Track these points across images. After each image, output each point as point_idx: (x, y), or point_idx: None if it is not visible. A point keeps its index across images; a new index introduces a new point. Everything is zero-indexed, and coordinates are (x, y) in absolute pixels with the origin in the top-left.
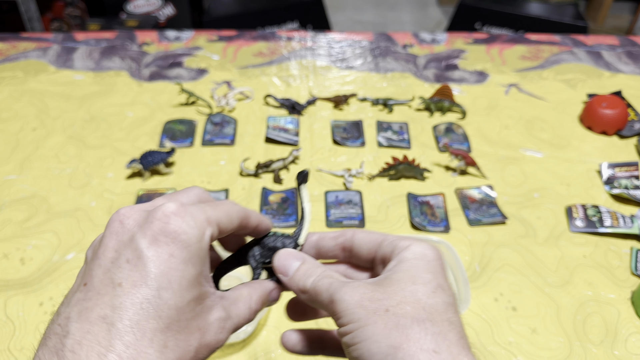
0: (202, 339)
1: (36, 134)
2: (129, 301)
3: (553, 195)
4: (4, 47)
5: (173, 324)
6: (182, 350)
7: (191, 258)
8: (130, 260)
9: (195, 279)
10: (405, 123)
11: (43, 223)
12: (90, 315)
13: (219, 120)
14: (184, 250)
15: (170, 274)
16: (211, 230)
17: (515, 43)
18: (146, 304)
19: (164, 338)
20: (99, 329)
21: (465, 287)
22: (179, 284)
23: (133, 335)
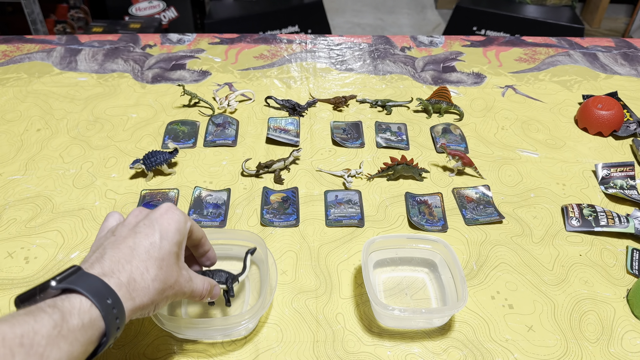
0: (177, 278)
1: (40, 135)
2: (145, 240)
3: (549, 195)
4: (8, 49)
5: (165, 259)
6: (168, 274)
7: (179, 230)
8: (146, 224)
9: (178, 242)
10: (403, 124)
11: (47, 222)
12: (120, 246)
13: (221, 122)
14: (176, 224)
15: (167, 233)
16: (190, 223)
17: (512, 45)
18: (154, 244)
19: (160, 263)
20: (126, 252)
21: (463, 285)
22: (170, 240)
23: (145, 256)
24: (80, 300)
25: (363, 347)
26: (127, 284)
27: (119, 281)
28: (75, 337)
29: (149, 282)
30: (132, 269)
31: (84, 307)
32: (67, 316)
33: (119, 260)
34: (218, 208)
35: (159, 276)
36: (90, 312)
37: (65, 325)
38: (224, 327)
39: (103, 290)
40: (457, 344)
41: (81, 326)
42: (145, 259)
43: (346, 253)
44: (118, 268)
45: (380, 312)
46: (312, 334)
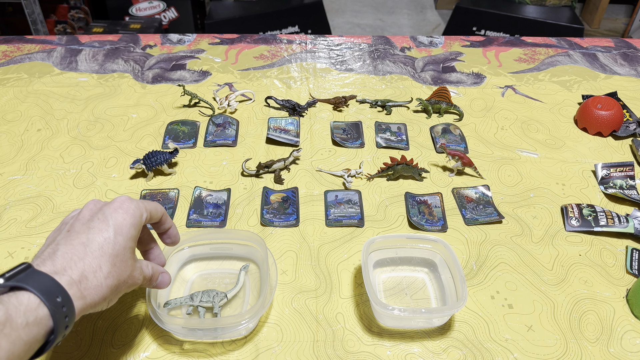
0: (131, 272)
1: (41, 135)
2: (99, 236)
3: (548, 195)
4: (8, 49)
5: (119, 255)
6: (121, 270)
7: (133, 224)
8: (100, 218)
9: (133, 236)
10: (403, 124)
11: (48, 222)
12: (74, 242)
13: (221, 122)
14: (131, 219)
15: (122, 228)
16: (146, 215)
17: (512, 46)
18: (107, 239)
19: (114, 260)
20: (79, 248)
21: (462, 285)
22: (125, 235)
23: (99, 252)
24: (28, 297)
25: (363, 346)
26: (78, 282)
27: (71, 279)
28: (18, 336)
29: (101, 280)
30: (85, 267)
31: (31, 305)
32: (12, 314)
33: (72, 257)
34: (218, 208)
35: (112, 273)
36: (37, 310)
37: (8, 324)
38: (224, 327)
39: (53, 288)
40: (456, 343)
41: (25, 324)
42: (99, 255)
43: (346, 253)
44: (70, 265)
45: (380, 312)
46: (312, 333)
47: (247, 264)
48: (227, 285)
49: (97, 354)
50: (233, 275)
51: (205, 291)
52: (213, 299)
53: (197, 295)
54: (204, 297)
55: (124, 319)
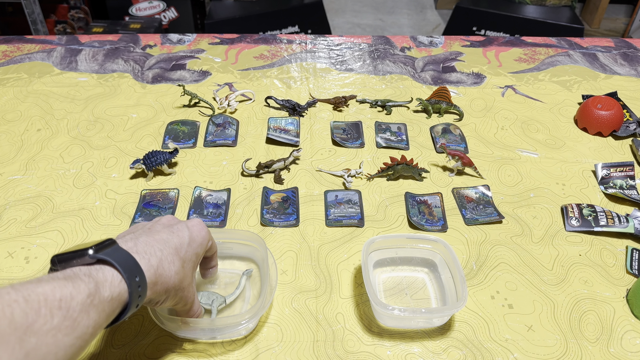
0: (189, 284)
1: (41, 135)
2: (176, 239)
3: (549, 194)
4: (8, 49)
5: (187, 262)
6: (185, 276)
7: (202, 243)
8: (180, 227)
9: (199, 255)
10: (403, 124)
11: (48, 222)
12: (155, 236)
13: (221, 122)
14: (203, 237)
15: (195, 241)
16: (211, 241)
17: (512, 45)
18: (182, 244)
19: (183, 263)
20: (159, 241)
21: (462, 285)
22: (195, 248)
23: (174, 250)
24: (112, 273)
25: (363, 346)
26: (155, 267)
27: (149, 263)
28: (103, 308)
29: (172, 274)
30: (163, 257)
31: (115, 280)
32: (100, 287)
33: (152, 245)
34: (218, 208)
35: (180, 273)
36: (120, 286)
37: (97, 296)
38: (224, 327)
39: (133, 268)
40: (456, 343)
41: (110, 299)
42: (174, 253)
43: (346, 253)
44: (151, 252)
45: (380, 312)
46: (312, 333)
47: (250, 270)
48: (226, 286)
49: (97, 354)
50: (233, 275)
51: (205, 293)
52: (212, 303)
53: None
54: (203, 298)
55: None
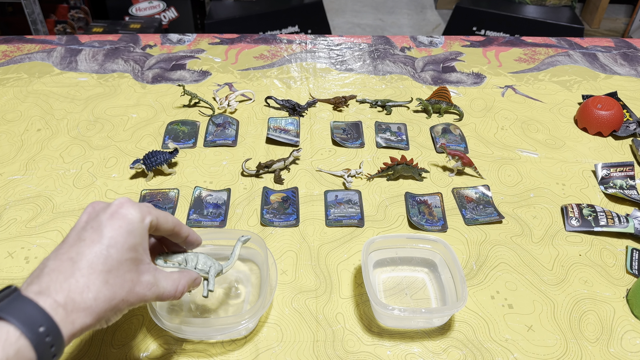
0: (132, 287)
1: (41, 135)
2: (88, 250)
3: (549, 195)
4: (8, 49)
5: (114, 270)
6: (117, 288)
7: (132, 231)
8: (93, 227)
9: (132, 246)
10: (403, 124)
11: (48, 222)
12: (62, 257)
13: (221, 122)
14: (128, 225)
15: (117, 238)
16: (150, 218)
17: (512, 45)
18: (98, 254)
19: (107, 277)
20: (66, 265)
21: (462, 285)
22: (121, 246)
23: (87, 270)
24: (8, 330)
25: (363, 346)
26: (64, 305)
27: (55, 302)
28: None
29: (90, 302)
30: (71, 287)
31: (11, 337)
32: None
33: (58, 275)
34: (218, 208)
35: (104, 293)
36: (18, 342)
37: None
38: (224, 327)
39: (36, 317)
40: (456, 343)
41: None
42: (87, 273)
43: (346, 253)
44: (55, 287)
45: (380, 312)
46: (312, 333)
47: (247, 236)
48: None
49: (97, 354)
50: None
51: (202, 256)
52: (210, 270)
53: (192, 259)
54: (199, 264)
55: (124, 319)
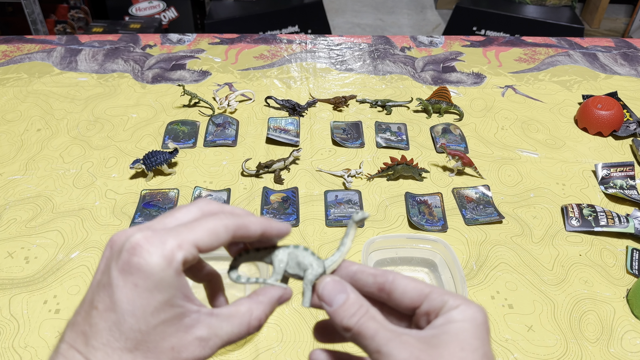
0: (176, 356)
1: (41, 135)
2: (102, 323)
3: (549, 195)
4: (8, 49)
5: (140, 345)
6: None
7: (156, 286)
8: (105, 286)
9: (162, 304)
10: (403, 124)
11: (48, 222)
12: (77, 328)
13: (221, 122)
14: (147, 280)
15: (134, 301)
16: (183, 254)
17: (512, 45)
18: (114, 327)
19: (132, 356)
20: (80, 342)
21: (462, 285)
22: (143, 311)
23: (104, 352)
24: None
25: None
26: None
27: None
28: None
29: None
30: None
31: None
32: None
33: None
34: None
35: None
36: None
37: None
38: None
39: None
40: None
41: None
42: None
43: None
44: None
45: None
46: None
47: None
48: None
49: None
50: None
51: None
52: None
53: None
54: (289, 267)
55: None
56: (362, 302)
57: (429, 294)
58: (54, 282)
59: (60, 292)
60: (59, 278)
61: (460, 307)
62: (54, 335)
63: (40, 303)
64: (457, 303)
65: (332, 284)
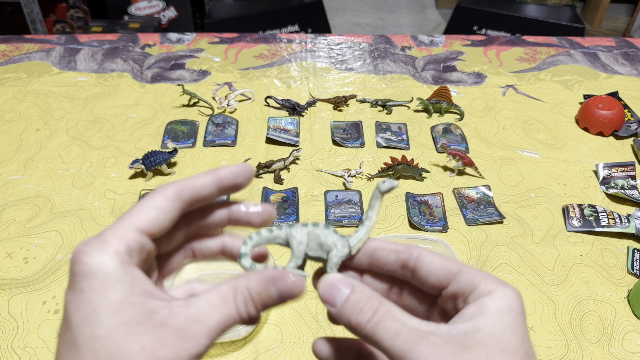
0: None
1: (40, 135)
2: (63, 348)
3: (550, 195)
4: (7, 49)
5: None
6: None
7: (104, 286)
8: (63, 306)
9: (117, 304)
10: (404, 124)
11: (46, 222)
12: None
13: (221, 121)
14: (92, 282)
15: (84, 309)
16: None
17: (513, 45)
18: (71, 347)
19: None
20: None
21: None
22: (95, 315)
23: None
24: None
25: None
26: None
27: None
28: None
29: None
30: None
31: None
32: None
33: None
34: None
35: None
36: None
37: None
38: None
39: None
40: None
41: None
42: None
43: None
44: None
45: None
46: (312, 334)
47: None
48: None
49: None
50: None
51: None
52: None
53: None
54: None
55: None
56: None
57: (457, 274)
58: (53, 282)
59: (60, 292)
60: (58, 278)
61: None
62: (53, 335)
63: (40, 303)
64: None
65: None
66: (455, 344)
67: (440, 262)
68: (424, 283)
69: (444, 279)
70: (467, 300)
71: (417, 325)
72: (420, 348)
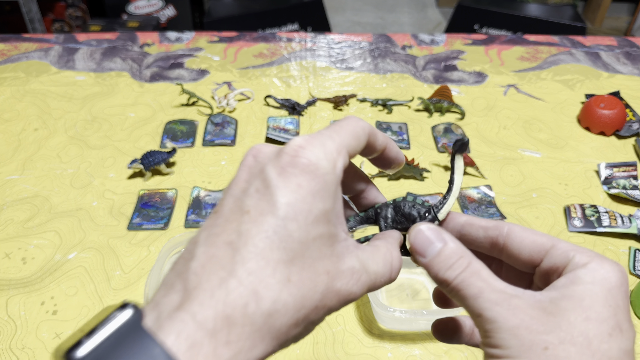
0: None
1: (38, 134)
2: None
3: (551, 195)
4: (5, 48)
5: (297, 259)
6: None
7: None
8: (259, 190)
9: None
10: (404, 123)
11: (45, 223)
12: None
13: (220, 121)
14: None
15: (297, 205)
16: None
17: (514, 44)
18: (271, 233)
19: (288, 271)
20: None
21: None
22: (305, 217)
23: (256, 262)
24: None
25: (363, 348)
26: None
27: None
28: None
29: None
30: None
31: None
32: None
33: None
34: None
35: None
36: None
37: None
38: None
39: None
40: (458, 346)
41: None
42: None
43: None
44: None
45: (381, 314)
46: (312, 335)
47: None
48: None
49: None
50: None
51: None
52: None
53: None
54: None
55: None
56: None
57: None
58: (51, 283)
59: (58, 293)
60: (56, 279)
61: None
62: (51, 336)
63: (38, 304)
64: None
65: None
66: (537, 308)
67: (532, 237)
68: (515, 260)
69: (536, 255)
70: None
71: (503, 288)
72: (499, 308)
